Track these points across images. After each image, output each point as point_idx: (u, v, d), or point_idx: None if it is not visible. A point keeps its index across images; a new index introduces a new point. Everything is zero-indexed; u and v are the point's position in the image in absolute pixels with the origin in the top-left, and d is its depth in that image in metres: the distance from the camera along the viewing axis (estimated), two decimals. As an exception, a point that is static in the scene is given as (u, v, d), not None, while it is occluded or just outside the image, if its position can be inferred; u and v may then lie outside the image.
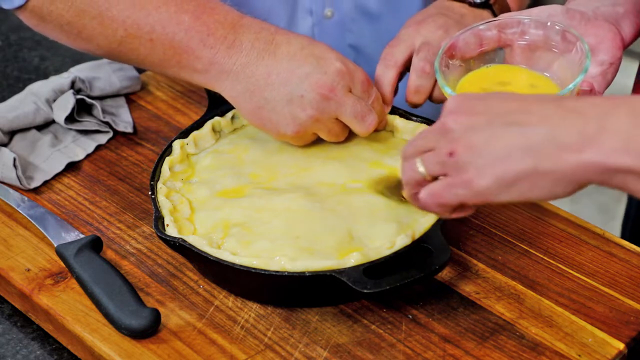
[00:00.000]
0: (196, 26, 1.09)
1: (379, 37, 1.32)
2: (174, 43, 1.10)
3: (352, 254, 0.98)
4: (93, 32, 1.13)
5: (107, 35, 1.12)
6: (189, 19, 1.09)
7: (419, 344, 0.98)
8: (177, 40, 1.10)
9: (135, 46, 1.12)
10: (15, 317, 1.08)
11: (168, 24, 1.10)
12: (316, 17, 1.31)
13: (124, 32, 1.11)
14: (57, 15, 1.13)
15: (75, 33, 1.14)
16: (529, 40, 1.07)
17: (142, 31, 1.10)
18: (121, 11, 1.10)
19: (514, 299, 1.02)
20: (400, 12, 1.30)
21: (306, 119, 1.08)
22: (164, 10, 1.10)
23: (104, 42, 1.13)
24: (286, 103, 1.08)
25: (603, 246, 1.08)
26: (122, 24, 1.11)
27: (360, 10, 1.31)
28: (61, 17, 1.13)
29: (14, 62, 1.50)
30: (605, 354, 0.96)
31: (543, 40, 1.06)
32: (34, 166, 1.20)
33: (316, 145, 1.14)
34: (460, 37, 1.07)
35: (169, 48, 1.10)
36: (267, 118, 1.09)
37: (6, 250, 1.10)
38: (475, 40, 1.08)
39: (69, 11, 1.12)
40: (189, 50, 1.09)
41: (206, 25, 1.09)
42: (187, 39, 1.09)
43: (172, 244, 1.01)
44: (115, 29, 1.11)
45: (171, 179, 1.10)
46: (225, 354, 0.97)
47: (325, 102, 1.07)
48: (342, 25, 1.32)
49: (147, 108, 1.31)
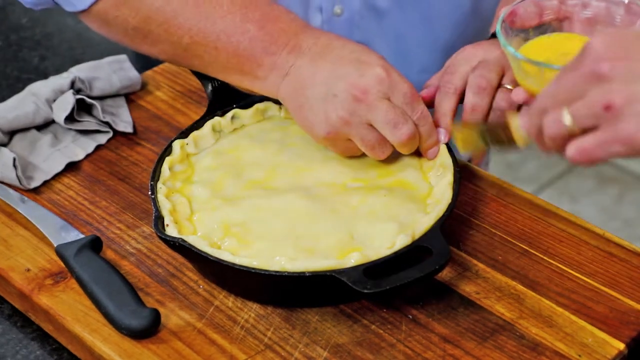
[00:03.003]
0: (260, 35, 1.10)
1: (385, 33, 1.32)
2: (238, 51, 1.10)
3: (352, 254, 0.98)
4: (158, 38, 1.13)
5: (172, 41, 1.13)
6: (254, 28, 1.10)
7: (419, 344, 0.98)
8: (242, 48, 1.10)
9: (200, 53, 1.12)
10: (15, 317, 1.08)
11: (233, 33, 1.10)
12: (326, 14, 1.31)
13: (190, 39, 1.12)
14: (123, 21, 1.14)
15: (140, 38, 1.15)
16: (590, 12, 1.03)
17: (208, 39, 1.11)
18: (187, 19, 1.11)
19: (514, 299, 1.02)
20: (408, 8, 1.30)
21: (336, 120, 1.06)
22: (230, 20, 1.10)
23: (169, 48, 1.14)
24: (322, 102, 1.07)
25: (603, 246, 1.08)
26: (188, 32, 1.11)
27: (369, 7, 1.31)
28: (127, 22, 1.14)
29: (14, 62, 1.50)
30: (605, 354, 0.96)
31: (605, 13, 1.02)
32: (33, 166, 1.20)
33: (316, 145, 1.14)
34: (521, 5, 1.04)
35: (233, 56, 1.11)
36: (306, 117, 1.09)
37: (6, 250, 1.10)
38: (535, 10, 1.04)
39: (135, 17, 1.13)
40: (252, 58, 1.10)
41: (270, 34, 1.10)
42: (251, 47, 1.10)
43: (172, 244, 1.01)
44: (180, 36, 1.12)
45: (171, 179, 1.10)
46: (225, 354, 0.97)
47: (356, 103, 1.05)
48: (351, 23, 1.32)
49: (147, 108, 1.31)
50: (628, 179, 2.74)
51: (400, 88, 1.06)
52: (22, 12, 1.59)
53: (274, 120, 1.20)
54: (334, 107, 1.06)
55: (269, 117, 1.20)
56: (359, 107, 1.05)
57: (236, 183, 1.10)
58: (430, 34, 1.32)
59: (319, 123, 1.07)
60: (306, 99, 1.08)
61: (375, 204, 1.06)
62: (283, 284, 0.99)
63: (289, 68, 1.09)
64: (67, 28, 1.57)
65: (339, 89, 1.05)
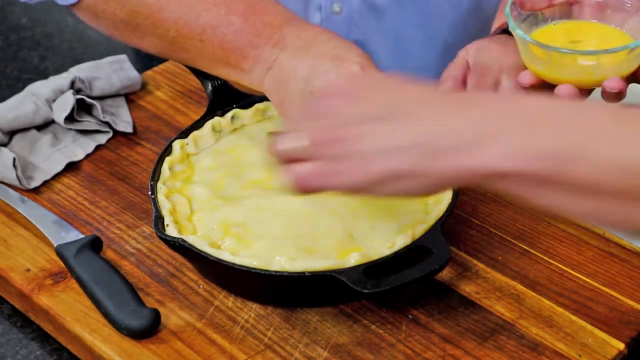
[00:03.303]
0: (245, 28, 1.10)
1: (383, 32, 1.32)
2: (223, 44, 1.10)
3: (352, 254, 0.98)
4: (146, 32, 1.14)
5: (159, 35, 1.13)
6: (239, 20, 1.10)
7: (419, 344, 0.98)
8: (227, 41, 1.10)
9: (187, 46, 1.13)
10: (15, 317, 1.08)
11: (218, 26, 1.10)
12: (325, 13, 1.31)
13: (176, 32, 1.12)
14: (111, 14, 1.15)
15: (129, 31, 1.15)
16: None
17: (194, 32, 1.11)
18: (172, 12, 1.11)
19: (514, 299, 1.02)
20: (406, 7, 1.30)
21: None
22: (214, 12, 1.10)
23: (157, 41, 1.14)
24: (300, 98, 1.07)
25: (603, 246, 1.08)
26: (174, 25, 1.12)
27: (368, 5, 1.31)
28: (114, 15, 1.14)
29: (14, 62, 1.50)
30: (605, 354, 0.96)
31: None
32: (33, 166, 1.20)
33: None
34: None
35: (218, 49, 1.11)
36: (286, 112, 1.08)
37: (6, 250, 1.10)
38: None
39: (122, 11, 1.14)
40: (237, 50, 1.10)
41: (254, 26, 1.10)
42: (236, 40, 1.10)
43: (172, 244, 1.01)
44: (167, 29, 1.12)
45: (171, 179, 1.10)
46: (225, 354, 0.97)
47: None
48: (349, 21, 1.32)
49: (147, 108, 1.31)
50: (628, 179, 2.73)
51: None
52: (22, 12, 1.59)
53: (274, 120, 1.20)
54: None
55: (269, 117, 1.20)
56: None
57: (236, 183, 1.10)
58: (428, 32, 1.32)
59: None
60: (286, 94, 1.08)
61: (375, 203, 1.06)
62: (283, 284, 0.99)
63: (272, 61, 1.09)
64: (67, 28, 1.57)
65: (316, 86, 1.05)
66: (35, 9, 1.59)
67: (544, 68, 1.02)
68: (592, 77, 1.01)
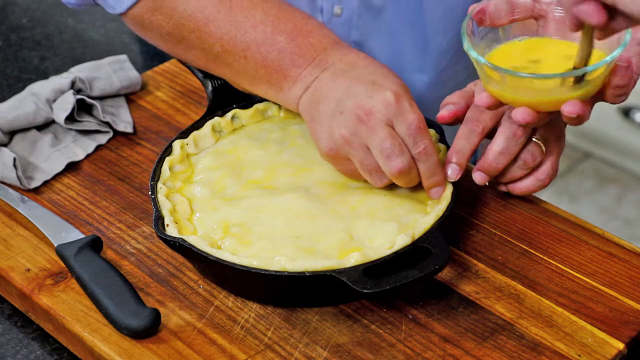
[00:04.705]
0: (290, 47, 1.10)
1: (380, 31, 1.31)
2: (266, 62, 1.10)
3: (352, 254, 0.98)
4: (191, 45, 1.14)
5: (204, 49, 1.13)
6: (284, 40, 1.10)
7: (419, 344, 0.98)
8: (270, 59, 1.10)
9: (230, 62, 1.13)
10: (15, 317, 1.08)
11: (263, 44, 1.10)
12: (326, 15, 1.31)
13: (220, 47, 1.12)
14: (158, 26, 1.15)
15: (174, 43, 1.16)
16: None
17: (238, 48, 1.11)
18: (219, 28, 1.11)
19: (513, 299, 1.02)
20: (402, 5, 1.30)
21: (338, 137, 1.04)
22: (261, 30, 1.11)
23: (202, 55, 1.14)
24: (329, 117, 1.06)
25: (603, 246, 1.08)
26: (219, 40, 1.12)
27: (367, 5, 1.31)
28: (161, 27, 1.15)
29: (14, 62, 1.50)
30: (605, 354, 0.96)
31: None
32: (34, 166, 1.20)
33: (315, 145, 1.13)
34: (491, 2, 1.01)
35: (261, 66, 1.11)
36: (314, 130, 1.08)
37: (6, 250, 1.10)
38: (507, 8, 1.01)
39: (168, 23, 1.14)
40: (279, 69, 1.10)
41: (299, 47, 1.10)
42: (279, 59, 1.10)
43: (172, 244, 1.01)
44: (212, 44, 1.12)
45: (171, 179, 1.10)
46: (225, 354, 0.97)
47: (358, 124, 1.03)
48: (349, 23, 1.32)
49: (147, 108, 1.31)
50: (628, 179, 2.74)
51: (406, 117, 1.03)
52: (22, 12, 1.59)
53: (274, 120, 1.20)
54: (338, 124, 1.04)
55: (268, 117, 1.21)
56: (360, 128, 1.03)
57: (236, 183, 1.10)
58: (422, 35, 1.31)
59: (324, 138, 1.06)
60: (317, 112, 1.07)
61: (375, 203, 1.06)
62: (283, 284, 0.99)
63: (311, 81, 1.09)
64: (67, 28, 1.57)
65: (347, 107, 1.04)
66: (35, 10, 1.59)
67: (501, 89, 0.99)
68: (550, 98, 0.98)
